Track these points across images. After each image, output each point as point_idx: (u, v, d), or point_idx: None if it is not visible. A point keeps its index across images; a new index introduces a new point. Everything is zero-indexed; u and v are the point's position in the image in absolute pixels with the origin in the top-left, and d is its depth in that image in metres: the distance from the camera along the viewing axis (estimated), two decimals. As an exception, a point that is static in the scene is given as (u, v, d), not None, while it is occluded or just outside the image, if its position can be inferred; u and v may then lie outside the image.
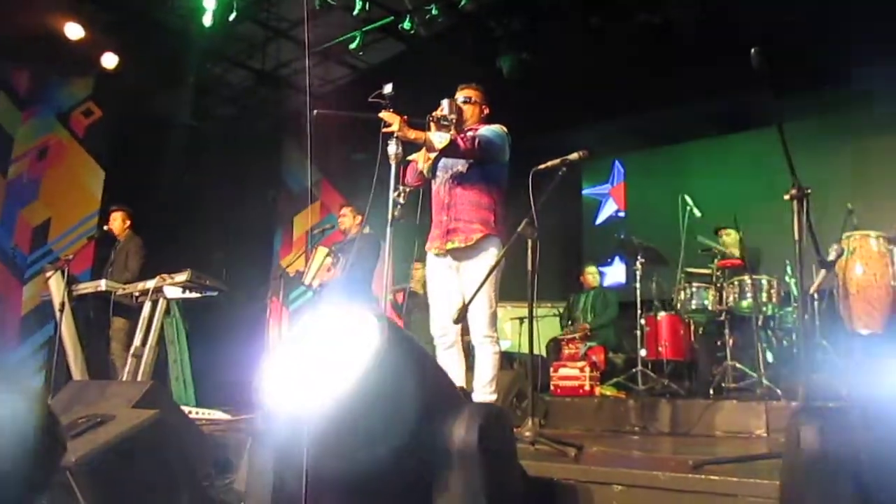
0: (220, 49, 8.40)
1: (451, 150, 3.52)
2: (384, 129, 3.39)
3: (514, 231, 3.05)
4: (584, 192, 9.91)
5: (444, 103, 3.62)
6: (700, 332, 6.16)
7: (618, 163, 9.65)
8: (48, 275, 5.84)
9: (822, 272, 4.82)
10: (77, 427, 2.22)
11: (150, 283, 5.35)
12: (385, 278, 3.53)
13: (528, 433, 2.77)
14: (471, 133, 3.59)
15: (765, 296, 5.37)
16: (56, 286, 5.71)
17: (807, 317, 5.35)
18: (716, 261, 5.89)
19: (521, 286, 3.10)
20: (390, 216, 3.36)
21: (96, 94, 8.48)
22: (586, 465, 2.39)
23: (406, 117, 3.41)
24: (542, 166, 3.21)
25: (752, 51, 2.45)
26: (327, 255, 5.31)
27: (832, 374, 5.18)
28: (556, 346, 6.84)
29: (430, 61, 7.72)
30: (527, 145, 4.10)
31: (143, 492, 2.13)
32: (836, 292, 4.65)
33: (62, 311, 5.41)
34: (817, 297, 5.49)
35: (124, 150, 8.32)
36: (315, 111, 3.91)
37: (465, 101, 3.76)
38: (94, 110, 8.49)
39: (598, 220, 9.78)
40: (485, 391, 3.55)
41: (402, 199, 3.40)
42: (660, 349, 6.04)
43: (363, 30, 7.62)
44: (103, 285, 5.62)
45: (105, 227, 6.38)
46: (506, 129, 3.74)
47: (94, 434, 2.16)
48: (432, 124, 3.56)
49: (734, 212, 5.92)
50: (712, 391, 5.19)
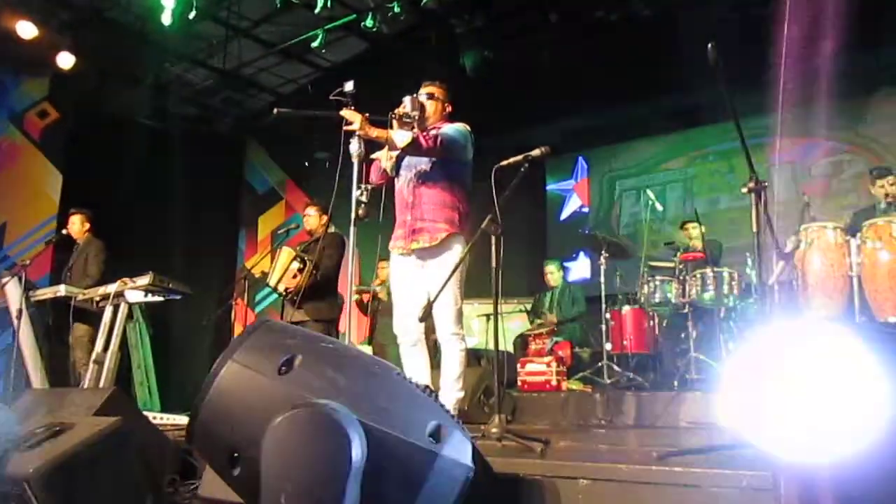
0: (180, 48, 8.27)
1: (413, 149, 3.51)
2: (346, 128, 3.37)
3: (479, 228, 3.05)
4: (548, 188, 9.98)
5: (407, 100, 3.61)
6: (664, 325, 6.24)
7: (581, 159, 9.74)
8: (4, 281, 5.69)
9: (781, 263, 4.92)
10: (35, 437, 2.17)
11: (112, 288, 5.25)
12: (349, 277, 3.50)
13: (494, 429, 2.78)
14: (434, 131, 3.59)
15: (726, 288, 5.46)
16: (13, 293, 5.58)
17: (767, 308, 5.45)
18: (678, 254, 5.98)
19: (487, 283, 3.11)
20: (353, 215, 3.35)
21: (52, 94, 8.31)
22: (552, 460, 2.39)
23: (367, 115, 3.40)
24: (505, 163, 3.22)
25: (709, 46, 2.48)
26: (293, 258, 5.25)
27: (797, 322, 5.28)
28: (522, 341, 6.88)
29: (393, 59, 7.72)
30: (490, 142, 4.12)
31: (105, 501, 2.09)
32: (795, 283, 4.75)
33: (20, 318, 5.30)
34: (777, 288, 5.60)
35: (82, 152, 8.16)
36: (275, 110, 3.87)
37: (428, 98, 3.75)
38: (49, 112, 8.31)
39: (563, 215, 9.86)
40: (452, 389, 3.55)
41: (365, 198, 3.38)
42: (625, 343, 6.11)
43: (325, 28, 7.57)
44: (62, 291, 5.50)
45: (63, 231, 6.25)
46: (468, 127, 3.74)
47: (53, 444, 2.11)
48: (395, 122, 3.55)
49: (695, 205, 6.01)
50: (676, 383, 5.26)
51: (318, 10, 7.01)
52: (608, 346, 5.98)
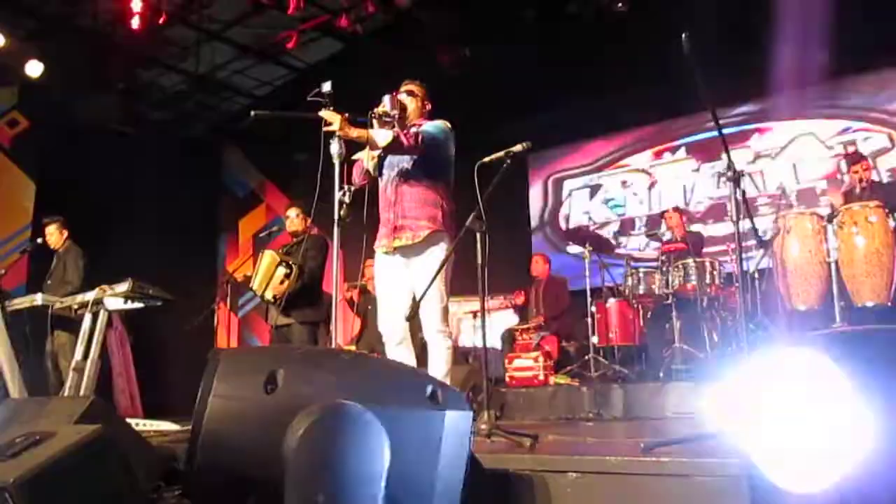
0: (151, 53, 8.18)
1: (394, 148, 3.49)
2: (325, 129, 3.34)
3: (464, 225, 3.05)
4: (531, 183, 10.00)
5: (386, 99, 3.59)
6: (648, 316, 6.28)
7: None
8: (-21, 291, 5.60)
9: (761, 251, 4.96)
10: (14, 446, 2.12)
11: (90, 295, 5.17)
12: (334, 278, 3.48)
13: (483, 426, 2.78)
14: (414, 129, 3.57)
15: (708, 277, 5.50)
16: (-12, 303, 5.48)
17: (748, 296, 5.50)
18: (660, 245, 6.02)
19: (472, 280, 3.10)
20: (336, 216, 3.32)
21: (21, 103, 8.19)
22: (541, 454, 2.39)
23: (346, 115, 3.37)
24: (487, 159, 3.22)
25: (683, 36, 2.48)
26: (277, 263, 5.21)
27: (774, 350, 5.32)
28: (509, 336, 6.88)
29: (369, 59, 7.69)
30: (471, 139, 4.10)
31: (88, 510, 2.06)
32: (774, 271, 4.79)
33: (-4, 328, 5.20)
34: (758, 276, 5.65)
35: (55, 160, 8.05)
36: (252, 112, 3.83)
37: (407, 95, 3.74)
38: (19, 120, 8.20)
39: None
40: (439, 386, 3.54)
41: (347, 199, 3.36)
42: (610, 335, 6.15)
43: (299, 29, 7.52)
44: (39, 300, 5.41)
45: (39, 241, 6.16)
46: (449, 124, 3.73)
47: (33, 453, 2.06)
48: (374, 121, 3.53)
49: (674, 195, 6.04)
50: (662, 374, 5.29)
51: (290, 12, 6.97)
52: (594, 340, 6.02)
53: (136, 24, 7.10)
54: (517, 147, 3.20)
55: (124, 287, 5.05)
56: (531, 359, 5.91)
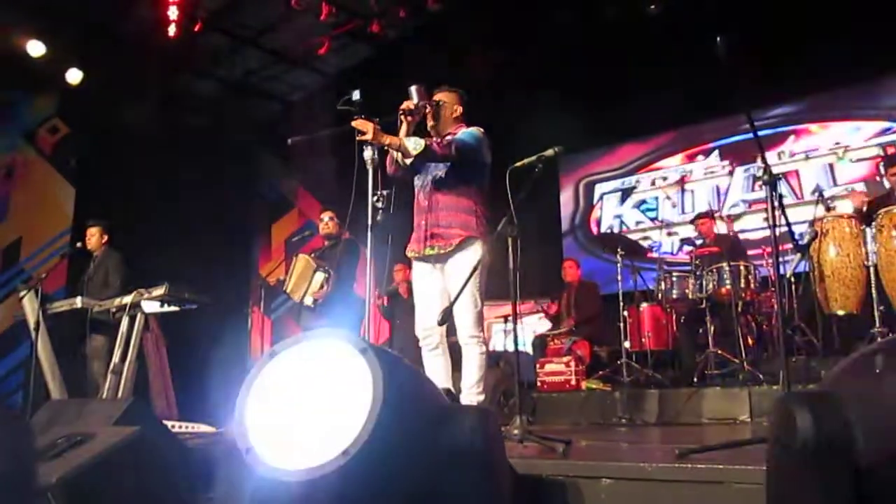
0: (187, 60, 8.32)
1: (426, 156, 3.50)
2: (359, 138, 3.36)
3: (496, 230, 3.05)
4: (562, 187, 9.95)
5: (412, 90, 3.60)
6: (682, 321, 6.20)
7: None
8: (21, 294, 5.72)
9: (797, 255, 4.88)
10: (56, 447, 2.18)
11: (128, 299, 5.28)
12: (368, 283, 3.51)
13: (516, 431, 2.77)
14: (447, 137, 3.58)
15: (743, 282, 5.42)
16: (30, 305, 5.61)
17: (784, 300, 5.41)
18: (694, 249, 5.95)
19: (504, 285, 3.09)
20: (370, 221, 3.34)
21: (62, 110, 8.38)
22: (574, 459, 2.38)
23: (377, 121, 3.39)
24: (518, 164, 3.21)
25: (717, 39, 2.46)
26: (315, 269, 5.28)
27: (811, 356, 5.24)
28: (541, 342, 6.85)
29: (400, 63, 7.72)
30: (501, 143, 4.10)
31: (127, 510, 2.10)
32: (811, 275, 4.71)
33: (37, 330, 5.32)
34: (794, 280, 5.56)
35: (93, 166, 8.23)
36: (289, 141, 3.88)
37: (440, 104, 3.74)
38: (60, 127, 8.38)
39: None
40: (472, 392, 3.53)
41: (381, 204, 3.38)
42: (643, 340, 6.08)
43: (331, 35, 7.59)
44: (78, 303, 5.53)
45: (78, 244, 6.29)
46: (482, 130, 3.72)
47: (74, 454, 2.11)
48: (403, 118, 3.54)
49: (707, 198, 5.96)
50: (696, 379, 5.22)
51: (322, 18, 7.04)
52: (627, 344, 5.96)
53: (172, 31, 7.22)
54: (549, 151, 3.19)
55: (160, 290, 5.14)
56: (563, 363, 5.88)
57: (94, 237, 6.23)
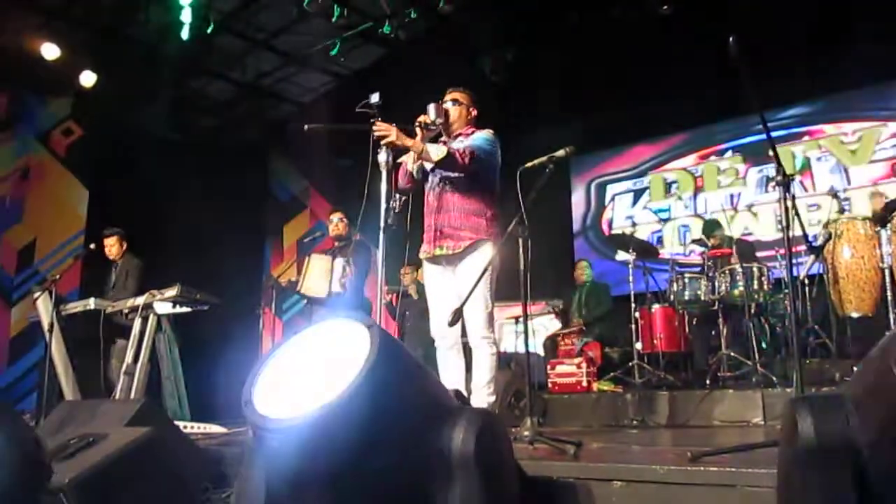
0: (199, 62, 8.36)
1: (447, 164, 3.51)
2: (384, 142, 3.36)
3: (506, 231, 3.04)
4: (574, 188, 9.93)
5: (431, 108, 3.60)
6: (694, 322, 6.17)
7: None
8: (35, 296, 5.77)
9: (811, 257, 4.85)
10: (69, 448, 2.19)
11: (140, 300, 5.31)
12: (378, 284, 3.52)
13: (526, 432, 2.76)
14: (465, 142, 3.57)
15: (756, 283, 5.38)
16: (44, 307, 5.65)
17: (798, 302, 5.37)
18: (706, 251, 5.92)
19: (514, 286, 3.08)
20: (383, 223, 3.34)
21: (76, 112, 8.45)
22: (585, 462, 2.37)
23: (394, 125, 3.40)
24: (529, 164, 3.20)
25: (730, 39, 2.44)
26: (334, 259, 5.29)
27: (825, 358, 5.20)
28: (551, 343, 6.83)
29: (412, 65, 7.73)
30: (513, 144, 4.10)
31: (139, 511, 2.11)
32: (825, 277, 4.67)
33: (51, 331, 5.36)
34: (807, 282, 5.52)
35: (107, 168, 8.28)
36: (305, 127, 3.87)
37: (453, 104, 3.74)
38: (74, 129, 8.45)
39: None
40: (483, 392, 3.53)
41: (397, 207, 3.39)
42: (655, 342, 6.04)
43: (343, 36, 7.60)
44: (92, 304, 5.57)
45: (92, 246, 6.33)
46: (493, 132, 3.72)
47: (87, 454, 2.13)
48: (419, 130, 3.55)
49: (720, 199, 5.91)
50: (708, 381, 5.19)
51: (334, 19, 7.05)
52: (638, 346, 5.93)
53: (185, 33, 7.26)
54: (560, 152, 3.18)
55: (173, 292, 5.16)
56: (574, 364, 5.85)
57: (114, 246, 6.27)
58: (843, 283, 4.44)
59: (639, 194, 9.07)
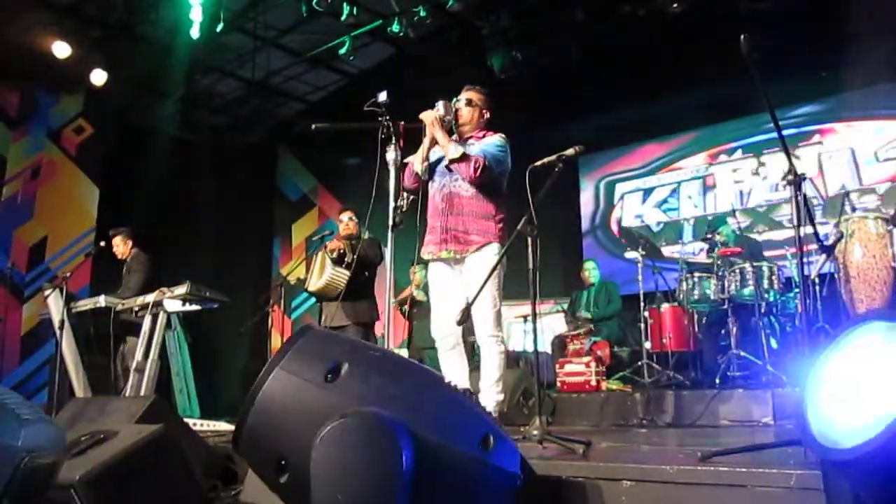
0: (209, 60, 8.39)
1: (459, 166, 3.53)
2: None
3: (514, 230, 3.04)
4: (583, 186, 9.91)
5: (440, 104, 3.61)
6: (703, 321, 6.14)
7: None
8: (46, 293, 5.81)
9: (822, 256, 4.81)
10: (79, 444, 2.20)
11: (150, 297, 5.33)
12: (387, 282, 3.53)
13: (535, 431, 2.75)
14: (478, 152, 3.56)
15: (766, 283, 5.35)
16: (55, 304, 5.69)
17: (809, 302, 5.34)
18: (716, 250, 5.89)
19: (522, 284, 3.08)
20: (391, 222, 3.34)
21: (86, 110, 8.48)
22: (595, 461, 2.36)
23: (403, 123, 3.41)
24: (539, 163, 3.19)
25: (741, 37, 2.42)
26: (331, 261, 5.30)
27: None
28: (560, 342, 6.82)
29: (421, 63, 7.73)
30: (522, 143, 4.09)
31: (149, 507, 2.12)
32: (836, 276, 4.64)
33: (62, 328, 5.39)
34: (818, 281, 5.48)
35: (117, 166, 8.33)
36: (313, 126, 3.88)
37: (466, 104, 3.73)
38: (85, 127, 8.49)
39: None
40: (492, 391, 3.52)
41: (405, 206, 3.40)
42: (664, 341, 6.03)
43: (352, 35, 7.60)
44: (102, 301, 5.60)
45: (102, 244, 6.36)
46: (504, 136, 3.72)
47: (97, 451, 2.14)
48: (430, 126, 3.57)
49: (730, 198, 5.89)
50: (718, 381, 5.17)
51: (343, 18, 7.06)
52: (647, 345, 5.91)
53: (195, 32, 7.28)
54: (569, 151, 3.17)
55: (182, 289, 5.18)
56: (583, 364, 5.84)
57: (120, 245, 6.31)
58: (854, 283, 4.40)
59: (648, 193, 9.05)
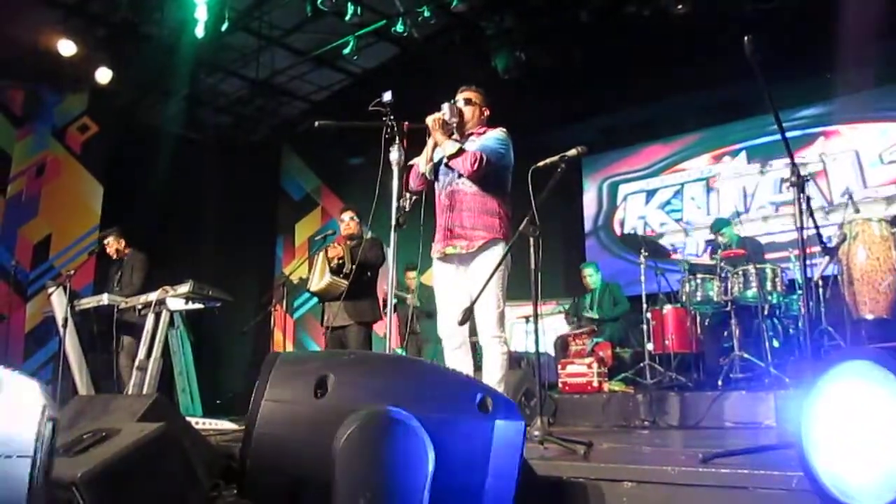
0: (214, 59, 8.40)
1: (457, 161, 3.53)
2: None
3: (517, 230, 3.04)
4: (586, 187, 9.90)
5: (445, 107, 3.61)
6: (706, 323, 6.14)
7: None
8: (50, 291, 5.82)
9: (825, 258, 4.80)
10: (82, 442, 2.20)
11: (153, 296, 5.34)
12: (389, 282, 3.53)
13: (536, 432, 2.75)
14: (477, 147, 3.57)
15: (769, 284, 5.35)
16: (58, 302, 5.70)
17: (812, 304, 5.33)
18: (719, 252, 5.89)
19: (525, 285, 3.08)
20: (394, 222, 3.35)
21: (91, 109, 8.50)
22: (596, 462, 2.36)
23: (406, 123, 3.42)
24: (542, 164, 3.19)
25: (746, 39, 2.42)
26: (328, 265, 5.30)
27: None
28: (562, 343, 6.82)
29: (425, 63, 7.73)
30: (525, 143, 4.09)
31: (150, 505, 2.12)
32: (840, 278, 4.63)
33: (65, 326, 5.41)
34: (822, 283, 5.47)
35: (121, 164, 8.34)
36: (316, 123, 3.88)
37: (465, 103, 3.74)
38: (89, 126, 8.50)
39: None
40: (493, 391, 3.52)
41: (408, 206, 3.40)
42: (666, 342, 6.02)
43: (356, 34, 7.61)
44: (105, 299, 5.62)
45: (104, 241, 6.38)
46: (506, 131, 3.72)
47: (99, 449, 2.14)
48: (433, 127, 3.57)
49: (733, 200, 5.88)
50: (720, 382, 5.17)
51: (348, 18, 7.06)
52: (650, 346, 5.91)
53: (199, 31, 7.29)
54: (572, 151, 3.17)
55: (185, 288, 5.19)
56: (585, 364, 5.84)
57: (112, 246, 6.31)
58: (857, 285, 4.39)
59: (651, 194, 9.04)
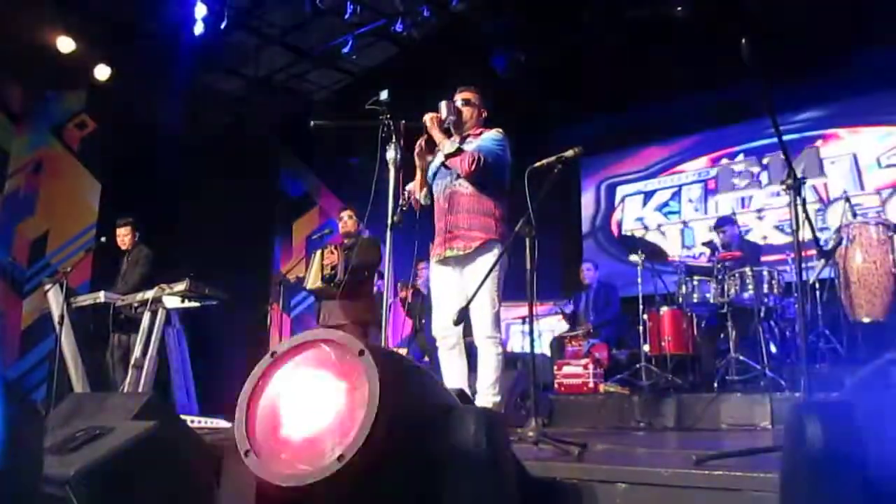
0: (212, 58, 8.39)
1: (454, 161, 3.53)
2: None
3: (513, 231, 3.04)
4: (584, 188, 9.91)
5: (443, 105, 3.61)
6: (702, 325, 6.14)
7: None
8: (47, 288, 5.82)
9: (822, 261, 4.81)
10: (75, 440, 2.20)
11: (150, 294, 5.34)
12: (386, 280, 3.53)
13: (531, 433, 2.75)
14: (474, 148, 3.57)
15: (766, 287, 5.36)
16: (55, 299, 5.70)
17: (808, 307, 5.34)
18: (716, 254, 5.89)
19: (521, 286, 3.08)
20: (390, 221, 3.35)
21: (89, 106, 8.48)
22: (590, 463, 2.36)
23: (403, 122, 3.43)
24: (538, 164, 3.18)
25: (742, 41, 2.42)
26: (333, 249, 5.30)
27: (835, 363, 5.17)
28: (558, 344, 6.82)
29: (424, 63, 7.72)
30: (523, 144, 4.09)
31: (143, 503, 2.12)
32: (836, 281, 4.64)
33: (62, 323, 5.40)
34: (818, 286, 5.48)
35: (119, 162, 8.32)
36: (312, 123, 3.89)
37: (463, 104, 3.75)
38: (87, 123, 8.48)
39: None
40: (488, 393, 3.52)
41: (405, 205, 3.41)
42: (663, 344, 6.03)
43: (355, 34, 7.61)
44: (102, 297, 5.61)
45: (103, 239, 6.36)
46: (503, 131, 3.72)
47: (92, 447, 2.14)
48: (430, 126, 3.58)
49: (731, 202, 5.90)
50: (716, 384, 5.17)
51: (347, 17, 7.06)
52: (646, 348, 5.91)
53: (198, 29, 7.29)
54: (569, 152, 3.17)
55: (181, 286, 5.19)
56: (581, 366, 5.84)
57: (128, 236, 6.29)
58: (854, 288, 4.40)
59: (649, 196, 9.04)
